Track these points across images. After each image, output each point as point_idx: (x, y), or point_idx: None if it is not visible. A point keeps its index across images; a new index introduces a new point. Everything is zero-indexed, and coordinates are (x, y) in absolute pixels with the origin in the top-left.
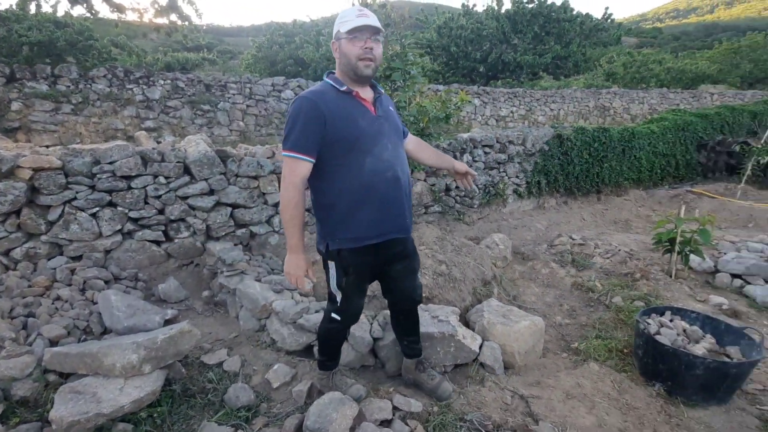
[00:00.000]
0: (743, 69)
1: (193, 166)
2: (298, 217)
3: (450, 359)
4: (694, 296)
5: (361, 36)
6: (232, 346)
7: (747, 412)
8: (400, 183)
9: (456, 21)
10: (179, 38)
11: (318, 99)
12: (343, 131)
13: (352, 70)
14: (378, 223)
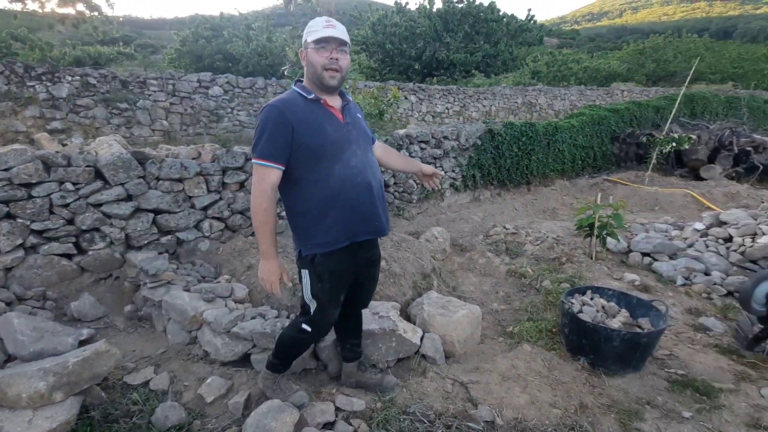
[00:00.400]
0: (648, 68)
1: (105, 170)
2: (268, 223)
3: (392, 354)
4: (612, 275)
5: (328, 46)
6: (159, 363)
7: (657, 376)
8: (371, 187)
9: (390, 18)
10: (90, 30)
11: (285, 107)
12: (311, 139)
13: (318, 80)
14: (347, 227)
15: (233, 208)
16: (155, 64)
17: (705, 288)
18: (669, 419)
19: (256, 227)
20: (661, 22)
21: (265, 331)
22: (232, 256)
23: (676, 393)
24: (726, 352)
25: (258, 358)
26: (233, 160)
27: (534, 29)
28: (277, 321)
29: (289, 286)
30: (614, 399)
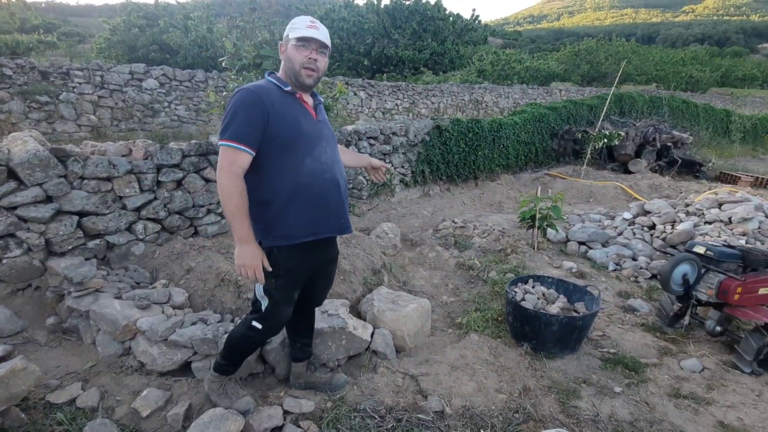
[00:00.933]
0: (583, 69)
1: (20, 169)
2: (244, 206)
3: (342, 352)
4: (552, 263)
5: (308, 46)
6: (87, 378)
7: (592, 356)
8: (338, 185)
9: (338, 13)
10: (6, 17)
11: (262, 93)
12: (285, 129)
13: (294, 76)
14: (314, 221)
15: (170, 209)
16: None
17: (633, 272)
18: (602, 395)
19: (232, 212)
20: (594, 26)
21: (207, 337)
22: (169, 259)
23: (608, 370)
24: (651, 329)
25: (199, 365)
26: (168, 157)
27: (479, 29)
28: (220, 325)
29: (270, 269)
30: (554, 380)
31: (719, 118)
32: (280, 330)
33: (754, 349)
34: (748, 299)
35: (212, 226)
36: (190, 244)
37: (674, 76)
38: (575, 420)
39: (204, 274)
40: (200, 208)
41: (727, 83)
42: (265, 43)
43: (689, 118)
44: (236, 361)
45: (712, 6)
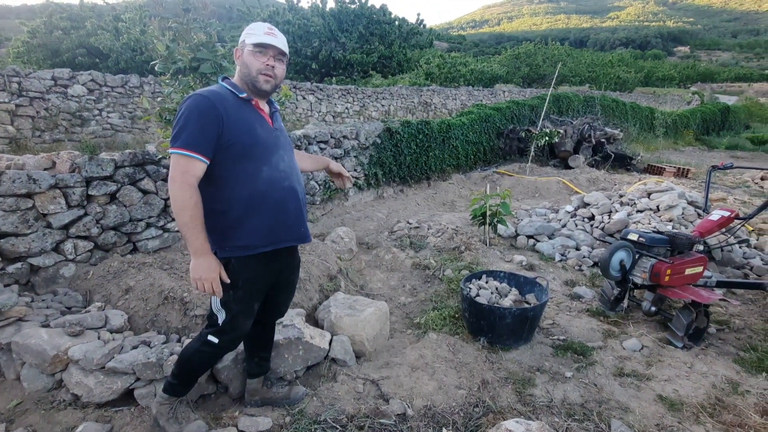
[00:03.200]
0: (523, 71)
1: None
2: (199, 216)
3: (300, 363)
4: (504, 258)
5: (266, 52)
6: (12, 418)
7: (544, 344)
8: (297, 193)
9: (282, 16)
10: None
11: (216, 99)
12: (241, 137)
13: (251, 82)
14: (271, 230)
15: (103, 224)
16: None
17: (577, 261)
18: (555, 381)
19: (186, 223)
20: (531, 30)
21: (150, 361)
22: (105, 279)
23: (559, 357)
24: (595, 314)
25: (143, 392)
26: (99, 169)
27: (424, 33)
28: (165, 347)
29: (228, 281)
30: (510, 371)
31: (645, 115)
32: (238, 344)
33: (684, 325)
34: (677, 279)
35: (153, 241)
36: (128, 261)
37: (604, 77)
38: (531, 408)
39: (145, 293)
40: (138, 222)
41: (649, 83)
42: (202, 45)
43: (619, 115)
44: (189, 380)
45: (634, 13)
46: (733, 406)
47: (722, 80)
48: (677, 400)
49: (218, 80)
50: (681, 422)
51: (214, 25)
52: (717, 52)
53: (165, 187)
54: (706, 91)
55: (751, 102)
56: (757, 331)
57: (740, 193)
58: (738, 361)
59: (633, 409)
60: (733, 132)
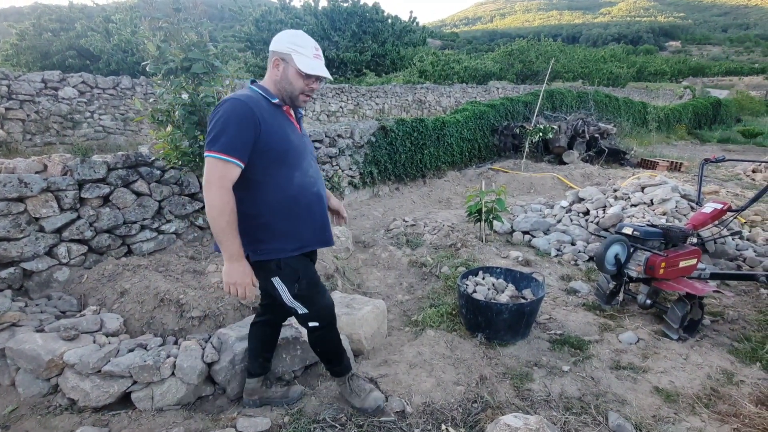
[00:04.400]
0: (516, 68)
1: None
2: (235, 221)
3: (298, 362)
4: (500, 254)
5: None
6: (8, 425)
7: (541, 339)
8: (322, 198)
9: (274, 15)
10: None
11: (252, 104)
12: (276, 142)
13: (290, 97)
14: (301, 235)
15: (97, 227)
16: None
17: (572, 256)
18: (552, 375)
19: (222, 228)
20: (524, 27)
21: (147, 364)
22: (100, 283)
23: (556, 351)
24: (591, 308)
25: (140, 395)
26: (92, 171)
27: (417, 30)
28: (161, 350)
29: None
30: (508, 366)
31: (637, 109)
32: (334, 313)
33: (679, 317)
34: (671, 272)
35: (147, 243)
36: (123, 264)
37: (597, 73)
38: (529, 402)
39: (141, 296)
40: (132, 225)
41: (641, 78)
42: (193, 45)
43: (612, 110)
44: (334, 356)
45: (625, 8)
46: (728, 396)
47: (713, 74)
48: (673, 392)
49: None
50: (677, 413)
51: (206, 25)
52: (708, 46)
53: (158, 189)
54: (698, 85)
55: (742, 95)
56: (751, 321)
57: (732, 186)
58: (732, 352)
59: (630, 401)
60: (724, 125)
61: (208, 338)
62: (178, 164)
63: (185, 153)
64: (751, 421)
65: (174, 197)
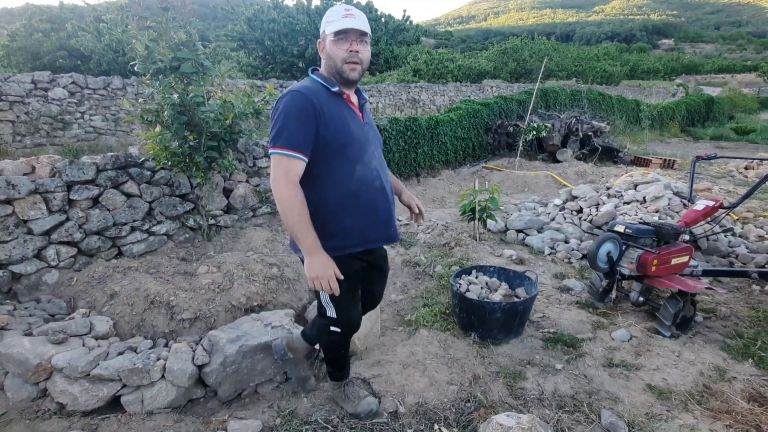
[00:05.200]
0: (510, 66)
1: None
2: (307, 215)
3: (280, 369)
4: (494, 252)
5: (347, 38)
6: None
7: (535, 337)
8: (386, 192)
9: (267, 14)
10: None
11: (312, 95)
12: (336, 134)
13: (338, 73)
14: (363, 231)
15: (87, 229)
16: None
17: (566, 254)
18: (546, 373)
19: (295, 223)
20: (518, 26)
21: (136, 367)
22: (90, 285)
23: (549, 349)
24: (584, 306)
25: (130, 399)
26: (81, 173)
27: (411, 29)
28: (152, 352)
29: (342, 278)
30: (501, 365)
31: (631, 107)
32: (358, 325)
33: (671, 314)
34: (664, 269)
35: (138, 245)
36: (113, 266)
37: (590, 71)
38: (522, 401)
39: (131, 298)
40: (123, 226)
41: (635, 76)
42: (182, 44)
43: (606, 108)
44: (339, 365)
45: (618, 6)
46: (720, 393)
47: (706, 72)
48: (666, 389)
49: (309, 73)
50: (670, 410)
51: (195, 24)
52: (700, 44)
53: (148, 189)
54: (691, 82)
55: (735, 93)
56: (743, 318)
57: (725, 183)
58: (725, 349)
59: (622, 398)
60: (717, 123)
61: (198, 340)
62: (168, 165)
63: (175, 153)
64: (743, 417)
65: (164, 198)
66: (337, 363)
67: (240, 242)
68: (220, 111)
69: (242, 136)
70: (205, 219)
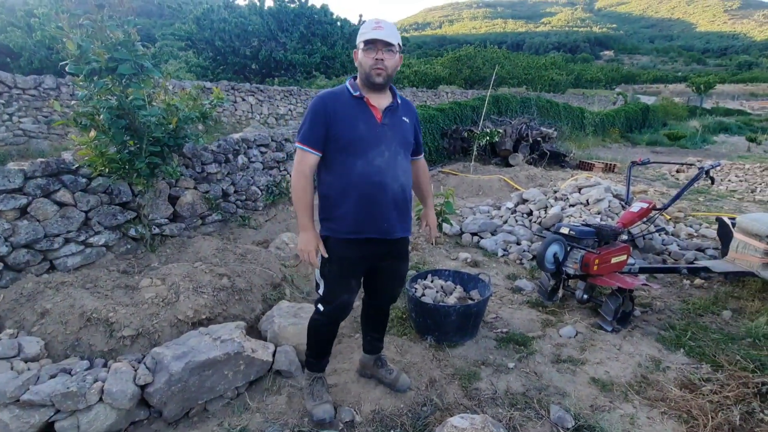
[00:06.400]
0: (464, 73)
1: None
2: (303, 198)
3: (242, 378)
4: (450, 256)
5: (374, 48)
6: None
7: (488, 338)
8: (386, 189)
9: (217, 13)
10: None
11: (328, 99)
12: (341, 132)
13: (366, 78)
14: (356, 221)
15: (14, 242)
16: None
17: (518, 256)
18: (499, 372)
19: (295, 203)
20: (471, 34)
21: (70, 391)
22: (18, 303)
23: (502, 348)
24: (535, 305)
25: (65, 425)
26: (6, 181)
27: None
28: (88, 374)
29: (326, 256)
30: (457, 367)
31: (576, 114)
32: (341, 315)
33: (612, 310)
34: (604, 268)
35: (73, 258)
36: (45, 281)
37: (539, 80)
38: (477, 402)
39: (64, 316)
40: (55, 238)
41: (579, 85)
42: (120, 44)
43: (553, 115)
44: (316, 351)
45: (564, 19)
46: (656, 382)
47: (642, 82)
48: (608, 381)
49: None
50: (612, 401)
51: (134, 23)
52: (637, 56)
53: (84, 198)
54: (629, 92)
55: (667, 102)
56: (675, 311)
57: (659, 185)
58: (660, 340)
59: (569, 393)
60: (652, 129)
61: (141, 358)
62: (105, 172)
63: (113, 160)
64: (677, 404)
65: (103, 207)
66: (316, 348)
67: (187, 252)
68: (164, 115)
69: (188, 141)
70: (148, 228)
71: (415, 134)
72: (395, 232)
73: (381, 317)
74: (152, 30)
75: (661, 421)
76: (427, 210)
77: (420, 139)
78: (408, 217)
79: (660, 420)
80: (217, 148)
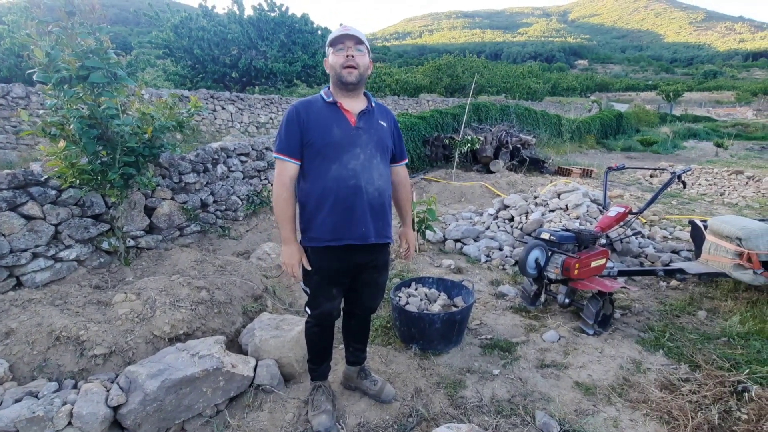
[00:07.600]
0: (445, 81)
1: None
2: (286, 210)
3: (221, 395)
4: (433, 263)
5: (344, 47)
6: None
7: (473, 344)
8: (362, 192)
9: (196, 22)
10: None
11: (302, 107)
12: (315, 138)
13: (338, 79)
14: (335, 227)
15: None
16: None
17: (500, 261)
18: (484, 380)
19: (276, 215)
20: (451, 43)
21: (36, 415)
22: None
23: (487, 355)
24: (518, 311)
25: None
26: None
27: None
28: (56, 396)
29: (309, 268)
30: (442, 375)
31: (553, 122)
32: (328, 321)
33: (593, 313)
34: (584, 272)
35: (42, 273)
36: (10, 299)
37: (517, 88)
38: (463, 410)
39: (31, 335)
40: (22, 254)
41: (556, 93)
42: (91, 52)
43: (532, 122)
44: (314, 356)
45: (540, 29)
46: (637, 384)
47: (616, 90)
48: (591, 385)
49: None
50: (595, 405)
51: (106, 30)
52: (610, 65)
53: (54, 211)
54: (603, 99)
55: (639, 109)
56: (654, 312)
57: (635, 190)
58: (639, 342)
59: (554, 398)
60: (626, 135)
61: (114, 378)
62: (76, 183)
63: (84, 171)
64: (657, 405)
65: (74, 220)
66: (313, 355)
67: (164, 265)
68: (138, 124)
69: (164, 150)
70: (122, 241)
71: (395, 138)
72: (371, 236)
73: (362, 327)
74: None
75: (643, 423)
76: (406, 228)
77: (402, 144)
78: (386, 223)
79: (642, 422)
80: (195, 157)
